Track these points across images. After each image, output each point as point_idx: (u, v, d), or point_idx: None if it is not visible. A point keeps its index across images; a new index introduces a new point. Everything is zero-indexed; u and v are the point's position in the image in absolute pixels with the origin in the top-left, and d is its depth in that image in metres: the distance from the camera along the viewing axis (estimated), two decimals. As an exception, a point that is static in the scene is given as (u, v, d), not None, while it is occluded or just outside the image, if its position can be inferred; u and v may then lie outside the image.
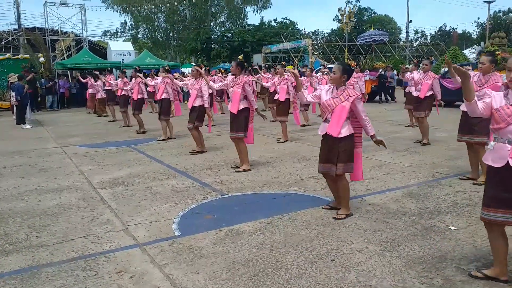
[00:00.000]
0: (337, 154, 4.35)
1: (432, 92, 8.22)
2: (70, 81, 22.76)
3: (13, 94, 13.93)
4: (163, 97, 9.74)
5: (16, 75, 14.60)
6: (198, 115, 8.08)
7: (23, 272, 3.44)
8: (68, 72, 25.08)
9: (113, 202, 5.28)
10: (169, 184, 6.08)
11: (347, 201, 4.52)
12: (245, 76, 6.70)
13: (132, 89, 11.69)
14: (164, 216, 4.69)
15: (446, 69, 20.60)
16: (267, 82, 11.68)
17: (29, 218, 4.76)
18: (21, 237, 4.21)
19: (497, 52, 5.37)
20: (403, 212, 4.62)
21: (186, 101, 14.32)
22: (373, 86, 19.28)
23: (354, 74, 9.79)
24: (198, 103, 8.04)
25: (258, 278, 3.22)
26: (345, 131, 4.34)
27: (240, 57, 9.60)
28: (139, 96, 11.28)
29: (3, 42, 25.77)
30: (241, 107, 6.50)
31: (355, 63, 4.83)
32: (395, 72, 19.79)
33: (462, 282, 3.09)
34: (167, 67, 10.37)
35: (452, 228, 4.11)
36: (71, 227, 4.44)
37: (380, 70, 19.43)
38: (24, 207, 5.21)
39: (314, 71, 16.66)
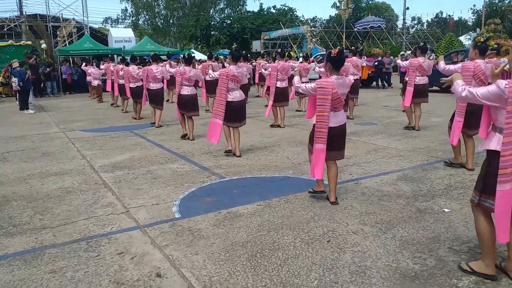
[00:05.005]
0: None
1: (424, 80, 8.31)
2: (72, 67, 22.78)
3: (15, 79, 14.02)
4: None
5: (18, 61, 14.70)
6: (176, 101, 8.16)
7: (27, 253, 3.52)
8: (70, 58, 25.07)
9: (114, 186, 5.37)
10: (169, 168, 6.16)
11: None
12: (228, 66, 6.77)
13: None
14: (165, 199, 4.78)
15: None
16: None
17: (32, 201, 4.85)
18: (24, 219, 4.30)
19: (490, 41, 5.32)
20: (398, 194, 4.70)
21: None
22: (370, 72, 19.43)
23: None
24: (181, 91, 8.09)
25: (256, 259, 3.29)
26: (313, 119, 4.48)
27: (233, 46, 9.46)
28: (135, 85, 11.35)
29: (5, 29, 25.74)
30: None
31: (336, 50, 4.89)
32: (392, 58, 19.96)
33: (454, 262, 3.16)
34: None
35: (446, 210, 4.19)
36: (74, 210, 4.53)
37: (378, 57, 19.58)
38: (27, 190, 5.30)
39: (312, 58, 16.81)
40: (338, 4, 32.75)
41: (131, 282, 3.02)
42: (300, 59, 13.60)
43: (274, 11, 43.46)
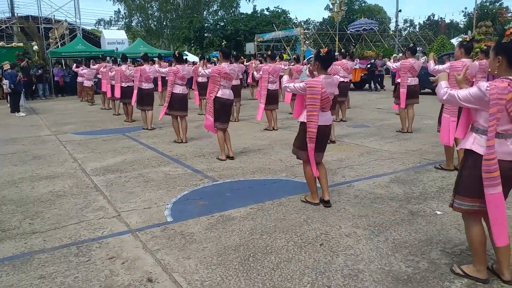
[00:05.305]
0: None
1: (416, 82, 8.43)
2: (64, 69, 22.67)
3: (6, 82, 13.90)
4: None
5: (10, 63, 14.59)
6: (168, 102, 8.01)
7: (16, 259, 3.46)
8: (62, 60, 24.95)
9: (106, 189, 5.32)
10: (161, 171, 6.12)
11: (309, 188, 4.56)
12: (218, 64, 6.70)
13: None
14: (157, 203, 4.74)
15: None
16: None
17: (22, 205, 4.79)
18: (14, 224, 4.24)
19: (481, 44, 5.40)
20: (390, 197, 4.70)
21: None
22: (362, 74, 19.53)
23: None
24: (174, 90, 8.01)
25: (249, 263, 3.27)
26: (301, 117, 4.48)
27: (223, 43, 9.21)
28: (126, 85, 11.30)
29: (-4, 31, 25.57)
30: None
31: (325, 49, 4.91)
32: (384, 60, 20.12)
33: (447, 265, 3.16)
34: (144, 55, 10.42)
35: (438, 212, 4.20)
36: (64, 214, 4.47)
37: (371, 60, 19.69)
38: (17, 194, 5.23)
39: (305, 60, 16.89)
40: (331, 7, 33.03)
41: (122, 287, 2.99)
42: (293, 63, 13.67)
43: (267, 13, 43.51)
